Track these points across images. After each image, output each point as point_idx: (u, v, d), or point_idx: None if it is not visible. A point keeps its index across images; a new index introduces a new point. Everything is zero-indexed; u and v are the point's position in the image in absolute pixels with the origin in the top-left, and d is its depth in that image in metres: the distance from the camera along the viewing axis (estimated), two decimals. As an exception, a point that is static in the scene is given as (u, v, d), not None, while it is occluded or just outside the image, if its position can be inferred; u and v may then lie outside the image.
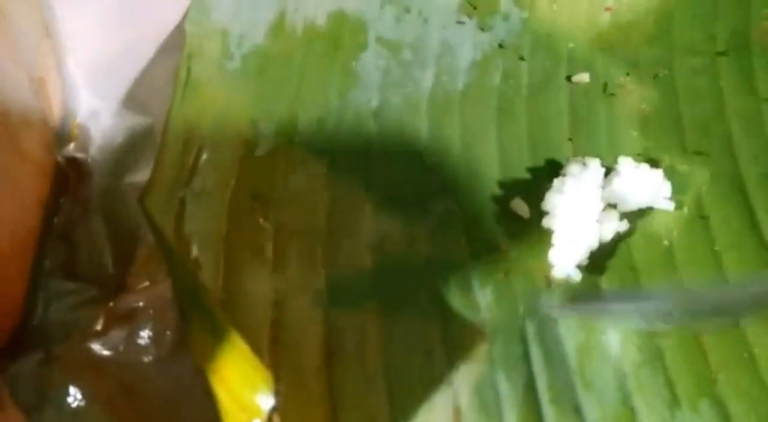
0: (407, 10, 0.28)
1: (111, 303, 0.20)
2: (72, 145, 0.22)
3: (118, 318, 0.20)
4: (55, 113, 0.22)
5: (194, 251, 0.19)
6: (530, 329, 0.19)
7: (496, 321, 0.19)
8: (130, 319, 0.19)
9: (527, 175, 0.24)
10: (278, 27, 0.27)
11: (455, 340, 0.18)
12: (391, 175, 0.23)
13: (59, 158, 0.22)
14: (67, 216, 0.21)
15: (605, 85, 0.26)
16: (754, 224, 0.21)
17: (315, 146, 0.23)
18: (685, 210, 0.21)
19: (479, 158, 0.23)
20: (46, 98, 0.21)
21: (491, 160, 0.23)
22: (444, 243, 0.21)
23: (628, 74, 0.26)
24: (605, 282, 0.20)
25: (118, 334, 0.19)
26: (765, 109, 0.24)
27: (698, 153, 0.23)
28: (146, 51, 0.24)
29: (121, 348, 0.19)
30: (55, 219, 0.21)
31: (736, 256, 0.20)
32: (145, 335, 0.19)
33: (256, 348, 0.17)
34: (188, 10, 0.25)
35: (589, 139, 0.24)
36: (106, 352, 0.19)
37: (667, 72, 0.26)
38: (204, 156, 0.21)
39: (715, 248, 0.20)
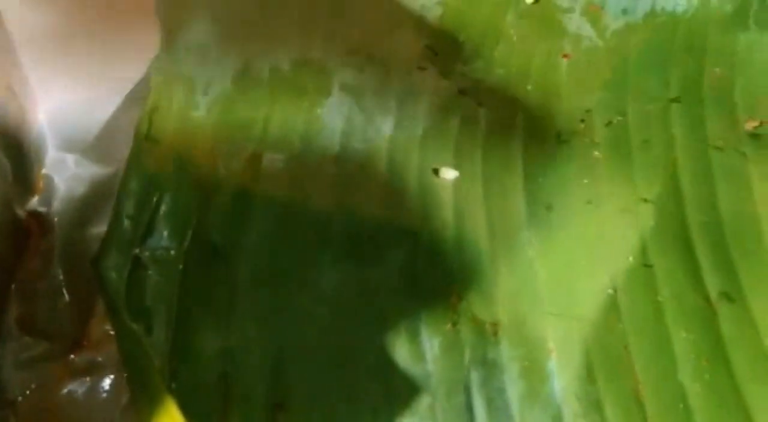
0: (370, 58, 0.28)
1: (71, 357, 0.20)
2: (35, 199, 0.23)
3: (77, 372, 0.20)
4: (19, 166, 0.22)
5: (146, 312, 0.19)
6: (474, 379, 0.20)
7: (441, 373, 0.20)
8: (89, 374, 0.20)
9: None
10: (244, 73, 0.27)
11: (399, 397, 0.19)
12: (351, 223, 0.23)
13: (21, 213, 0.22)
14: (27, 269, 0.22)
15: (559, 133, 0.26)
16: (696, 274, 0.21)
17: (275, 193, 0.24)
18: (630, 258, 0.22)
19: (436, 206, 0.24)
20: (12, 151, 0.22)
21: (447, 206, 0.24)
22: (398, 294, 0.21)
23: (582, 121, 0.27)
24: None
25: (76, 388, 0.20)
26: (713, 157, 0.25)
27: (645, 200, 0.24)
28: (113, 102, 0.25)
29: (80, 401, 0.20)
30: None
31: (677, 307, 0.21)
32: (102, 390, 0.20)
33: (206, 404, 0.18)
34: (154, 59, 0.26)
35: (542, 186, 0.25)
36: (64, 405, 0.20)
37: (621, 118, 0.27)
38: (162, 208, 0.22)
39: (658, 298, 0.21)
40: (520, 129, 0.26)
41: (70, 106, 0.25)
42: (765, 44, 0.28)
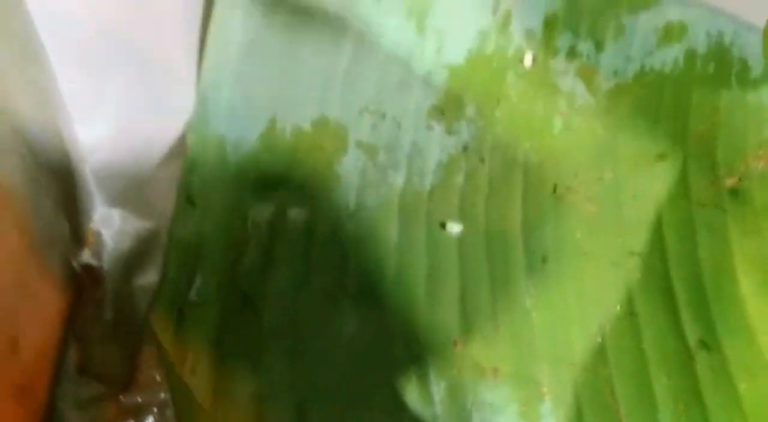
0: (383, 116, 0.31)
1: (120, 397, 0.23)
2: (87, 252, 0.26)
3: (126, 411, 0.23)
4: (74, 224, 0.25)
5: (189, 359, 0.22)
6: (476, 420, 0.22)
7: (448, 415, 0.22)
8: (136, 415, 0.23)
9: None
10: (269, 132, 0.30)
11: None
12: (366, 274, 0.26)
13: (76, 267, 0.25)
14: (82, 316, 0.25)
15: (555, 187, 0.29)
16: (677, 323, 0.24)
17: (298, 246, 0.27)
18: (618, 308, 0.25)
19: (442, 257, 0.27)
20: (68, 209, 0.25)
21: (452, 258, 0.27)
22: (408, 340, 0.24)
23: (576, 175, 0.29)
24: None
25: (124, 427, 0.22)
26: (696, 212, 0.27)
27: (633, 253, 0.26)
28: (154, 159, 0.28)
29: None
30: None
31: (659, 353, 0.23)
32: (148, 429, 0.22)
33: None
34: (190, 120, 0.29)
35: (538, 239, 0.27)
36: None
37: (612, 174, 0.29)
38: (200, 263, 0.25)
39: (642, 345, 0.23)
40: (519, 184, 0.29)
41: (116, 164, 0.28)
42: (745, 103, 0.31)
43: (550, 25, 0.32)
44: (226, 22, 0.30)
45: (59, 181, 0.24)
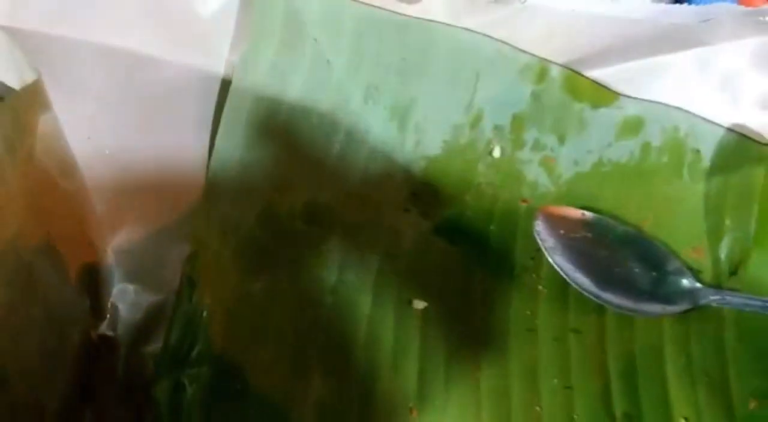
0: (367, 201, 0.35)
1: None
2: (104, 324, 0.31)
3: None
4: (95, 299, 0.30)
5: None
6: None
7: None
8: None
9: None
10: (266, 214, 0.35)
11: None
12: (337, 345, 0.30)
13: (93, 337, 0.30)
14: (97, 381, 0.29)
15: (513, 268, 0.33)
16: (606, 397, 0.27)
17: (286, 317, 0.31)
18: (555, 381, 0.28)
19: (407, 332, 0.30)
20: (89, 287, 0.30)
21: (416, 333, 0.30)
22: (369, 407, 0.28)
23: (532, 258, 0.33)
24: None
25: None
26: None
27: (574, 331, 0.29)
28: (166, 239, 0.33)
29: None
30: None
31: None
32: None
33: None
34: (196, 207, 0.33)
35: (494, 315, 0.31)
36: None
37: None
38: (197, 338, 0.29)
39: (574, 416, 0.26)
40: (483, 265, 0.33)
41: (133, 245, 0.32)
42: (695, 192, 0.34)
43: (517, 121, 0.36)
44: (233, 123, 0.35)
45: (84, 269, 0.29)
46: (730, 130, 0.35)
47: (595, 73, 0.37)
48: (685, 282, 0.30)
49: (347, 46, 0.37)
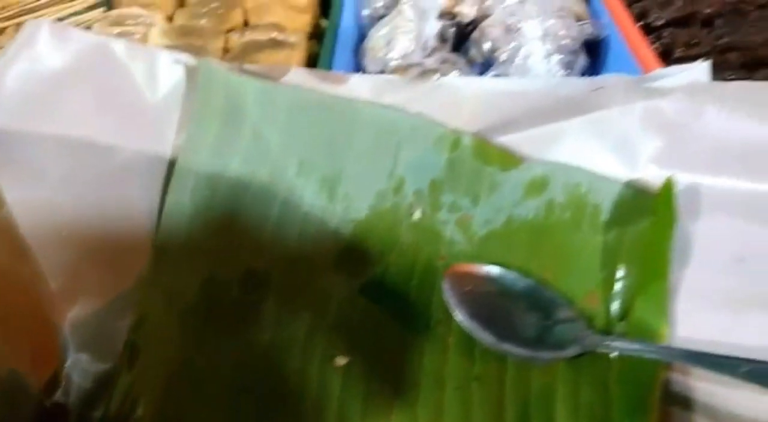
0: (300, 263, 0.39)
1: None
2: (59, 392, 0.34)
3: None
4: (51, 373, 0.33)
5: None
6: None
7: None
8: None
9: None
10: (208, 284, 0.38)
11: None
12: (266, 398, 0.33)
13: (47, 404, 0.33)
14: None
15: (428, 322, 0.36)
16: None
17: (218, 383, 0.34)
18: (454, 425, 0.31)
19: (328, 388, 0.34)
20: (46, 359, 0.33)
21: (336, 388, 0.34)
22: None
23: (445, 311, 0.36)
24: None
25: None
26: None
27: (476, 378, 0.33)
28: (116, 310, 0.36)
29: None
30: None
31: None
32: None
33: None
34: (141, 277, 0.37)
35: (409, 366, 0.34)
36: None
37: None
38: (142, 401, 0.32)
39: None
40: (402, 319, 0.36)
41: (86, 317, 0.36)
42: (594, 243, 0.38)
43: (435, 185, 0.40)
44: (178, 199, 0.39)
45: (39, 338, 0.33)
46: (626, 184, 0.39)
47: (504, 139, 0.41)
48: (577, 329, 0.33)
49: (281, 126, 0.41)
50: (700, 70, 0.40)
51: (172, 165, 0.40)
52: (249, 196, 0.40)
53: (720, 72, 0.46)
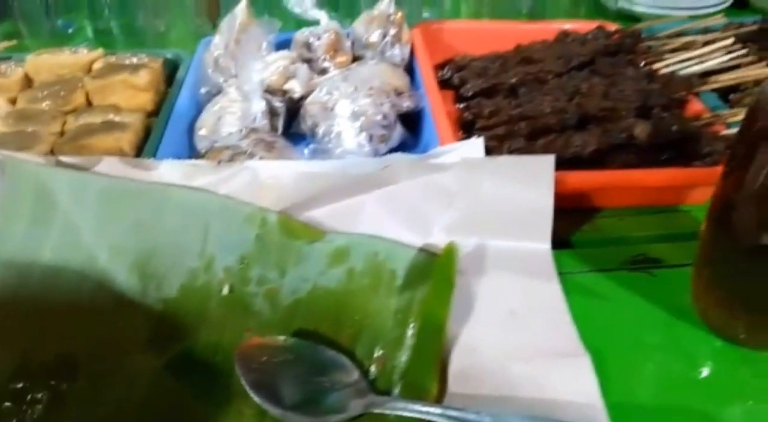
0: (108, 347, 0.41)
1: None
2: None
3: None
4: None
5: None
6: None
7: None
8: None
9: None
10: (19, 370, 0.39)
11: None
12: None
13: None
14: None
15: (230, 392, 0.38)
16: None
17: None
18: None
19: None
20: None
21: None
22: None
23: None
24: None
25: None
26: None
27: None
28: None
29: None
30: None
31: None
32: None
33: None
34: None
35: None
36: None
37: None
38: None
39: None
40: (206, 393, 0.38)
41: None
42: (388, 307, 0.41)
43: (244, 261, 0.43)
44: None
45: None
46: (419, 250, 0.44)
47: (309, 215, 0.45)
48: (361, 391, 0.36)
49: (92, 213, 0.43)
50: (476, 145, 0.46)
51: (-16, 255, 0.41)
52: (61, 283, 0.42)
53: (508, 140, 0.52)
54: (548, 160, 0.44)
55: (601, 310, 0.42)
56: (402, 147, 0.56)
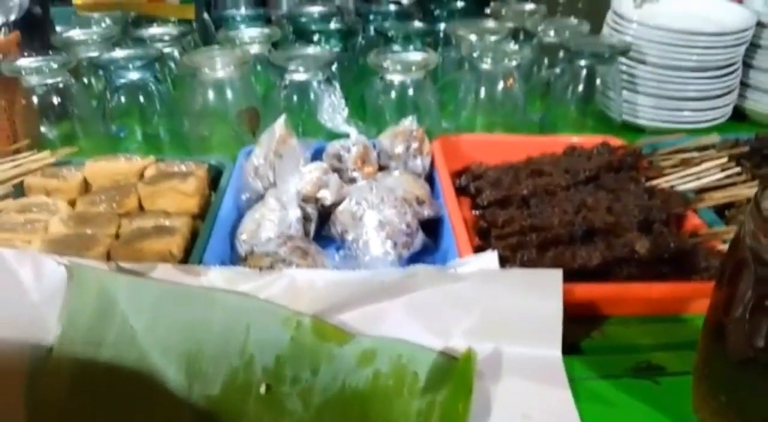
0: None
1: None
2: None
3: None
4: None
5: None
6: None
7: None
8: None
9: None
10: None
11: None
12: None
13: None
14: None
15: None
16: None
17: None
18: None
19: None
20: None
21: None
22: None
23: None
24: None
25: None
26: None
27: None
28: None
29: None
30: None
31: None
32: None
33: None
34: None
35: None
36: None
37: None
38: None
39: None
40: None
41: None
42: (411, 408, 0.45)
43: (280, 361, 0.48)
44: (53, 382, 0.45)
45: None
46: (439, 353, 0.48)
47: (339, 318, 0.50)
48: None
49: (147, 315, 0.48)
50: (490, 258, 0.51)
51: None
52: (120, 377, 0.46)
53: (520, 250, 0.57)
54: (557, 274, 0.48)
55: (609, 417, 0.45)
56: (423, 251, 0.62)
